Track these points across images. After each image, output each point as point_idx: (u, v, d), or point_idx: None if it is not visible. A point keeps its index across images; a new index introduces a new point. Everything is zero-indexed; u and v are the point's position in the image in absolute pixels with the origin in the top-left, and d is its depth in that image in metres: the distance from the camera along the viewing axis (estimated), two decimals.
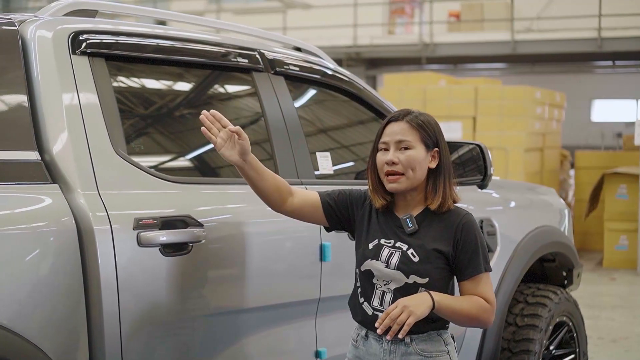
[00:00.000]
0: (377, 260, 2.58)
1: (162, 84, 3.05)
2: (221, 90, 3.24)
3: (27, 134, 2.41)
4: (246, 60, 3.12)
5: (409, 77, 12.36)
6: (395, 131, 2.59)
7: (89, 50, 2.63)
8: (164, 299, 2.58)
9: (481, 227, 3.91)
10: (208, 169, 3.02)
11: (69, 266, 2.35)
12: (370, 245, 2.61)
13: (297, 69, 3.37)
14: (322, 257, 3.06)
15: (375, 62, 15.99)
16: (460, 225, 2.58)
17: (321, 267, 3.07)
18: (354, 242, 2.73)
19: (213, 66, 3.05)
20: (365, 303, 2.61)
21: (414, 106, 4.03)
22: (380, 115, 3.70)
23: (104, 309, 2.40)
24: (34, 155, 2.40)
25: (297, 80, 3.39)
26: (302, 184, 3.08)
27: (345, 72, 3.66)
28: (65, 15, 2.74)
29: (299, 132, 3.21)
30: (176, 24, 5.35)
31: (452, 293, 2.61)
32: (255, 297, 2.88)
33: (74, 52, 2.59)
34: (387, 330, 2.45)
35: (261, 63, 3.18)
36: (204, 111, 2.56)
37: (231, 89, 3.24)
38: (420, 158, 2.57)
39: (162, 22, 19.38)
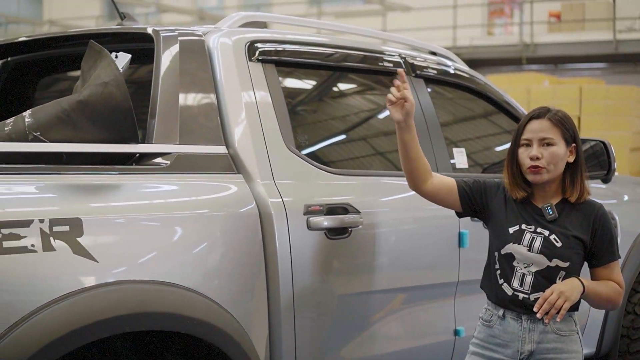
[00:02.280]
0: (519, 244, 2.75)
1: (321, 86, 3.41)
2: (371, 91, 3.57)
3: (217, 131, 2.78)
4: (391, 65, 3.44)
5: (512, 78, 12.52)
6: (539, 128, 2.76)
7: (261, 57, 2.99)
8: (328, 276, 2.91)
9: None
10: (364, 162, 3.35)
11: (252, 245, 2.70)
12: (511, 230, 2.77)
13: (435, 71, 3.68)
14: (460, 243, 3.36)
15: (475, 63, 16.09)
16: (598, 216, 2.79)
17: (459, 253, 3.36)
18: (487, 230, 2.99)
19: (364, 70, 3.39)
20: (505, 284, 2.77)
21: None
22: (506, 112, 3.99)
23: (280, 282, 2.74)
24: (222, 149, 2.77)
25: (434, 82, 3.69)
26: None
27: (476, 74, 3.95)
28: (240, 26, 3.10)
29: (437, 129, 3.51)
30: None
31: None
32: (403, 278, 3.20)
33: (250, 59, 2.95)
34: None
35: (403, 67, 3.49)
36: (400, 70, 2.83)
37: (379, 90, 3.56)
38: (562, 154, 2.75)
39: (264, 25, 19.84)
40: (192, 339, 2.53)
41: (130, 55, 2.73)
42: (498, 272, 2.80)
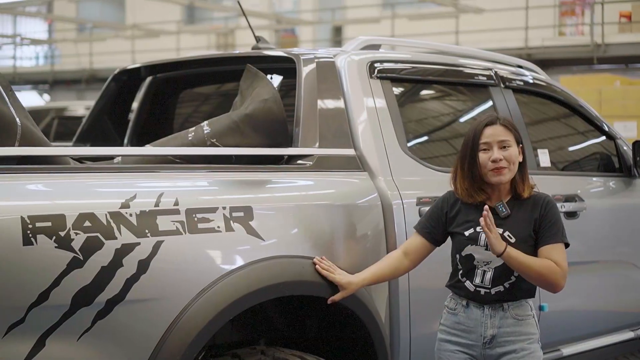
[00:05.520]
0: (477, 245, 3.04)
1: (428, 98, 4.03)
2: (467, 101, 4.18)
3: (347, 136, 3.40)
4: (485, 78, 4.04)
5: (583, 79, 12.90)
6: (495, 133, 3.04)
7: (380, 75, 3.60)
8: (435, 255, 3.47)
9: None
10: None
11: (376, 229, 3.31)
12: (467, 233, 3.06)
13: (521, 82, 4.25)
14: None
15: (546, 63, 16.44)
16: (544, 203, 3.06)
17: None
18: None
19: (462, 83, 3.99)
20: (468, 282, 3.07)
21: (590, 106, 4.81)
22: (581, 115, 4.54)
23: None
24: (352, 152, 3.39)
25: (521, 91, 4.26)
26: None
27: (555, 83, 4.51)
28: (362, 49, 3.73)
29: (524, 133, 4.06)
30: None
31: None
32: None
33: (370, 76, 3.57)
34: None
35: (495, 79, 4.08)
36: None
37: (474, 100, 4.16)
38: (516, 154, 3.05)
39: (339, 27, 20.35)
40: (327, 306, 3.13)
41: (281, 77, 3.38)
42: (460, 272, 3.12)
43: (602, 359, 4.47)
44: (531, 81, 4.36)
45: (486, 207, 2.93)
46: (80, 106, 12.74)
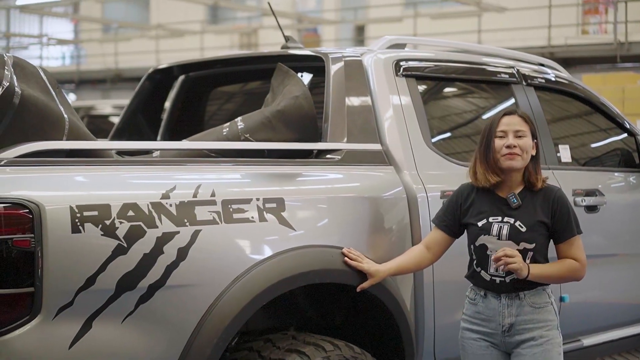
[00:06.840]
0: (489, 234, 3.17)
1: (451, 95, 4.16)
2: (489, 98, 4.30)
3: (374, 132, 3.54)
4: (507, 76, 4.16)
5: (606, 77, 12.95)
6: (513, 122, 3.19)
7: (405, 73, 3.73)
8: (458, 245, 3.60)
9: None
10: None
11: (400, 221, 3.45)
12: (480, 224, 3.19)
13: (543, 80, 4.37)
14: None
15: (569, 62, 16.46)
16: (556, 198, 3.19)
17: None
18: None
19: (485, 81, 4.12)
20: (483, 272, 3.19)
21: (612, 104, 4.91)
22: (602, 113, 4.64)
23: None
24: (378, 147, 3.53)
25: (542, 89, 4.38)
26: (549, 169, 4.05)
27: (576, 81, 4.62)
28: (387, 48, 3.86)
29: (545, 129, 4.19)
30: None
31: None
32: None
33: (396, 74, 3.70)
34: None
35: (517, 77, 4.20)
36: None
37: (496, 97, 4.28)
38: (530, 145, 3.18)
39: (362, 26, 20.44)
40: (355, 294, 3.27)
41: (311, 75, 3.52)
42: (475, 262, 3.24)
43: (621, 350, 4.58)
44: (553, 79, 4.47)
45: (497, 253, 3.07)
46: (107, 105, 13.00)
